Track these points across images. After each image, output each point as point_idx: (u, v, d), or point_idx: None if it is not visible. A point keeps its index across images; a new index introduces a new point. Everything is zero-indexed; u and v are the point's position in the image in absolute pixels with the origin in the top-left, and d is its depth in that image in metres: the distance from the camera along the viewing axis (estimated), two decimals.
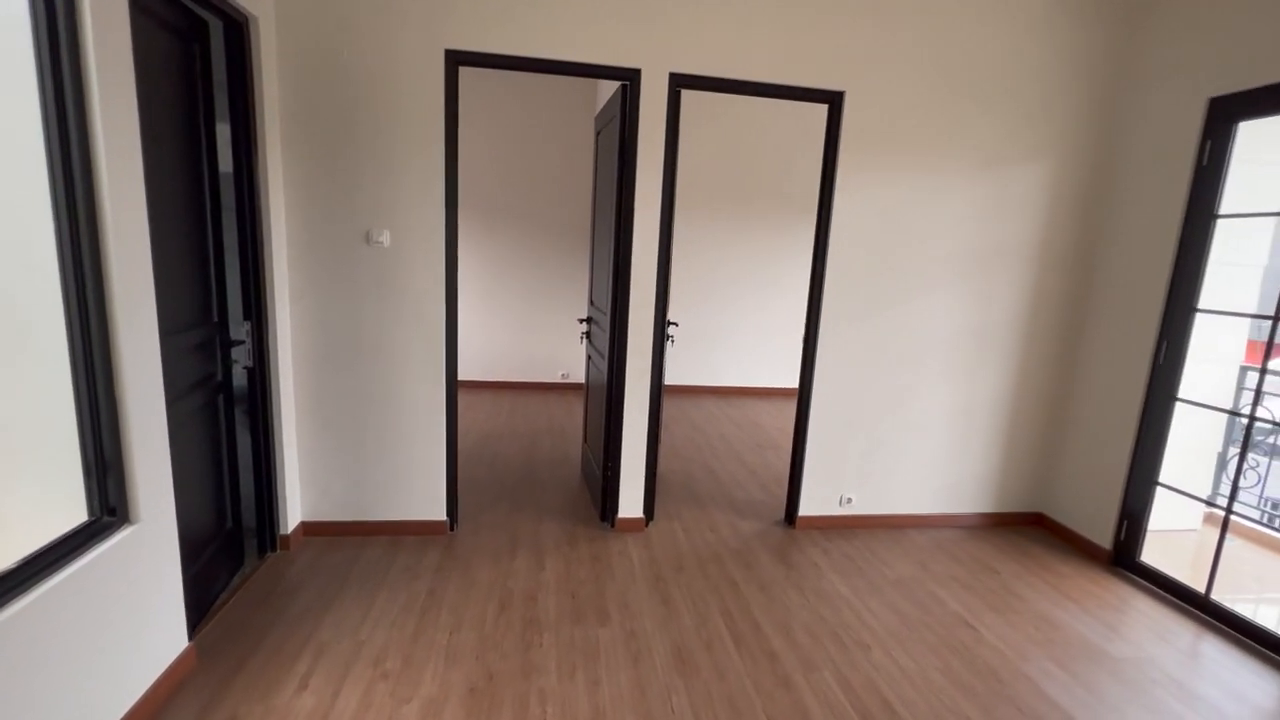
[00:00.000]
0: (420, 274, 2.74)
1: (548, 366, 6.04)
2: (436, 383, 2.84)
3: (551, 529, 3.09)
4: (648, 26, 2.68)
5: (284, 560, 2.66)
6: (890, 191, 2.99)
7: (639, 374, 3.00)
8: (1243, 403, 3.66)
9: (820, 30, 2.80)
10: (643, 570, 2.75)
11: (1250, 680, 2.25)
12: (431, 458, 2.90)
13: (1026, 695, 2.09)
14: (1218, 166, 2.61)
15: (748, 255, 6.11)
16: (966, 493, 3.38)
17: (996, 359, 3.24)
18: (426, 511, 2.95)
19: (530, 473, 3.83)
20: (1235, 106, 2.54)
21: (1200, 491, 3.34)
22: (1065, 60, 2.97)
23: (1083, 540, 3.16)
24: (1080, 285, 3.21)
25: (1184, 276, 2.73)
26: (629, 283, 2.91)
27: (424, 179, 2.67)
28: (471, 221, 5.65)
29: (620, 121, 2.84)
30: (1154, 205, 2.85)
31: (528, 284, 5.88)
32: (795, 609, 2.52)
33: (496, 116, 5.53)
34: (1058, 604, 2.67)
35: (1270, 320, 2.48)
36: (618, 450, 3.06)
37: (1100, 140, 3.07)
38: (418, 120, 2.62)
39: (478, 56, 2.63)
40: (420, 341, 2.79)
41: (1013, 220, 3.10)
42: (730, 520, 3.31)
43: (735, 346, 6.27)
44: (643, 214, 2.85)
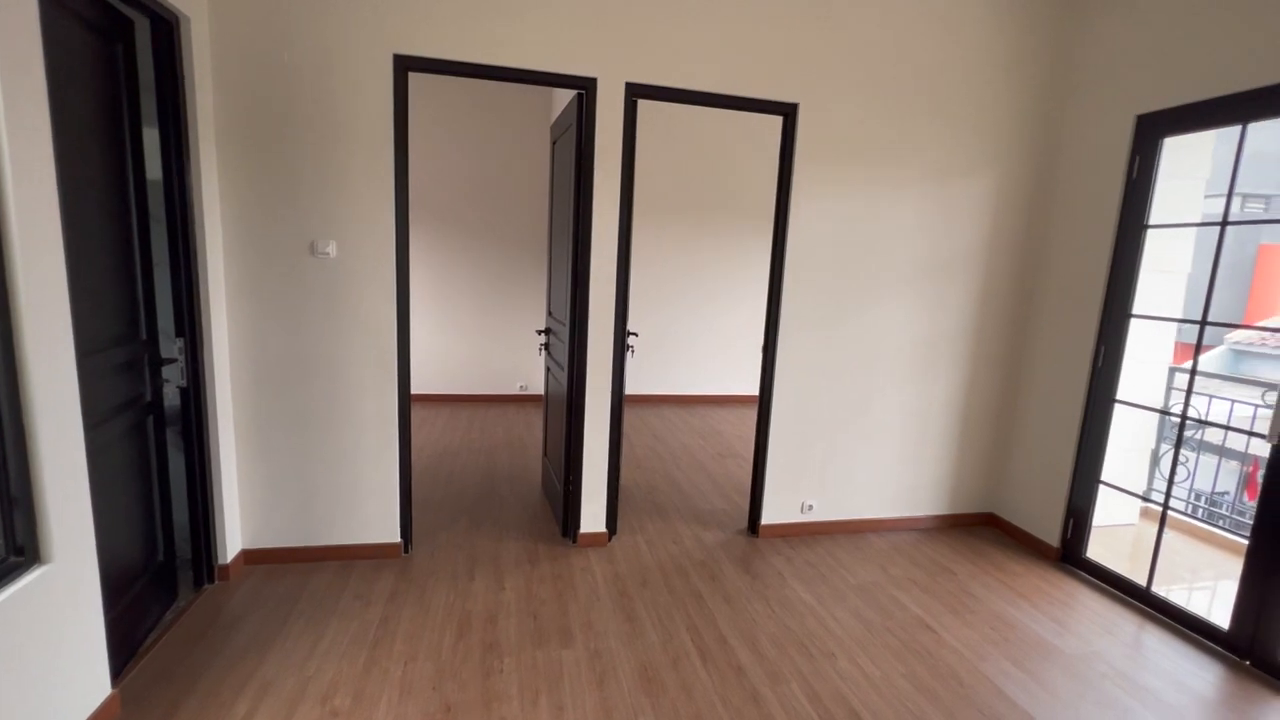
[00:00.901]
0: (370, 286, 2.63)
1: (506, 378, 5.92)
2: (388, 398, 2.72)
3: (512, 547, 3.00)
4: (603, 35, 2.66)
5: (223, 592, 2.49)
6: (845, 202, 3.04)
7: (599, 385, 2.95)
8: (1172, 402, 3.88)
9: (774, 44, 2.83)
10: (606, 586, 2.69)
11: (1190, 669, 2.35)
12: (384, 477, 2.78)
13: (987, 696, 2.13)
14: (1146, 180, 2.75)
15: (705, 264, 6.15)
16: (922, 496, 3.45)
17: (948, 366, 3.33)
18: (379, 534, 2.82)
19: (489, 489, 3.73)
20: (1160, 123, 2.69)
21: (1136, 487, 3.51)
22: (1006, 77, 3.09)
23: (1032, 539, 3.27)
24: (1024, 293, 3.34)
25: (1119, 284, 2.86)
26: (588, 293, 2.86)
27: (373, 188, 2.57)
28: (425, 231, 5.51)
29: (576, 130, 2.81)
30: (1090, 216, 2.99)
31: (485, 295, 5.76)
32: (761, 620, 2.51)
33: (450, 124, 5.42)
34: (1011, 603, 2.74)
35: (1198, 324, 2.63)
36: (579, 463, 3.00)
37: (1040, 154, 3.21)
38: (366, 127, 2.52)
39: (428, 62, 2.55)
40: (370, 356, 2.68)
41: (961, 231, 3.21)
42: (694, 531, 3.29)
43: (695, 355, 6.29)
44: (601, 224, 2.82)
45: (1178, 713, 2.11)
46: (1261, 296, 11.07)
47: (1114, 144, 2.86)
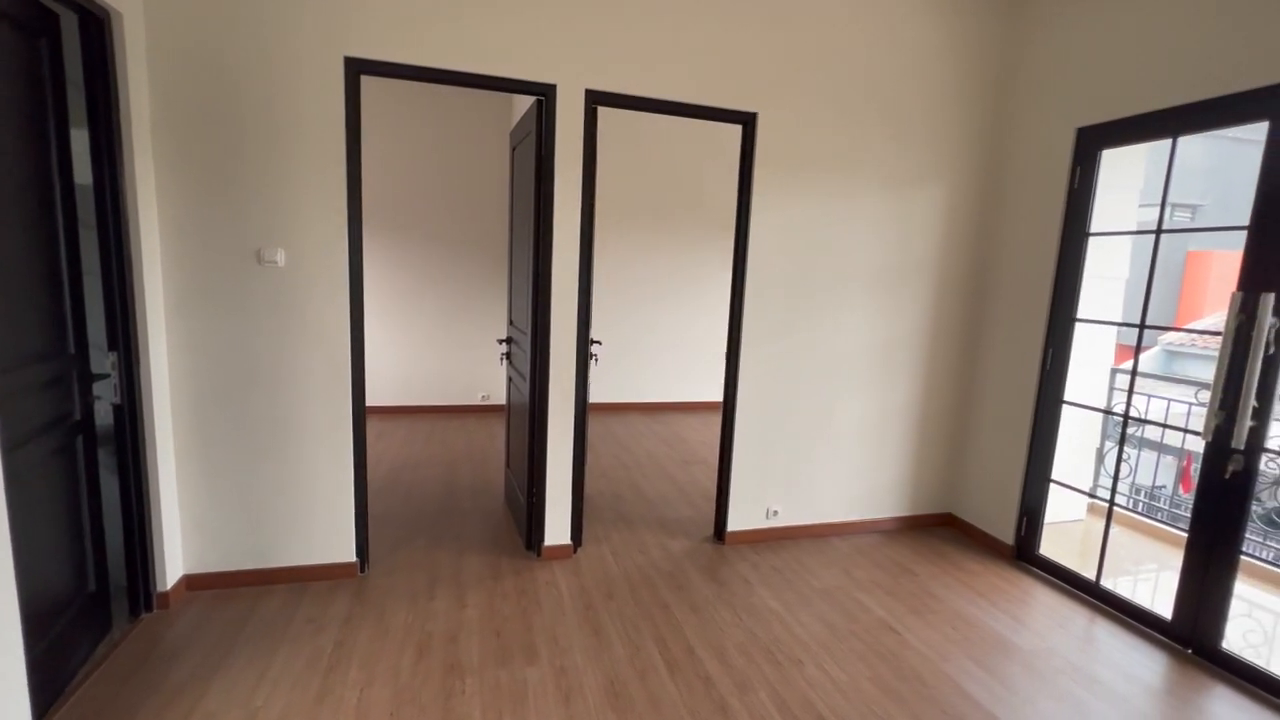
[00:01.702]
0: (321, 295, 2.53)
1: (467, 388, 5.80)
2: (341, 411, 2.62)
3: (474, 562, 2.92)
4: (563, 42, 2.64)
5: (162, 621, 2.34)
6: (804, 210, 3.09)
7: (563, 395, 2.90)
8: (1115, 401, 4.05)
9: (734, 54, 2.86)
10: (572, 600, 2.64)
11: (1137, 659, 2.44)
12: (338, 493, 2.67)
13: (950, 696, 2.16)
14: (1087, 190, 2.88)
15: (668, 271, 6.17)
16: (883, 498, 3.51)
17: (906, 370, 3.41)
18: (333, 553, 2.70)
19: (450, 502, 3.62)
20: (1099, 136, 2.81)
21: (1083, 485, 3.65)
22: (954, 90, 3.20)
23: (988, 537, 3.36)
24: (976, 299, 3.44)
25: (1064, 290, 2.98)
26: (550, 301, 2.82)
27: (324, 194, 2.48)
28: (381, 239, 5.37)
29: (536, 137, 2.77)
30: (1035, 225, 3.10)
31: (444, 303, 5.64)
32: (728, 628, 2.50)
33: (407, 128, 5.31)
34: (971, 601, 2.80)
35: (1137, 327, 2.75)
36: (542, 474, 2.94)
37: (988, 165, 3.32)
38: (315, 130, 2.43)
39: (381, 66, 2.48)
40: (322, 368, 2.57)
41: (915, 239, 3.29)
42: (660, 540, 3.26)
43: (660, 362, 6.29)
44: (562, 232, 2.78)
45: (1127, 703, 2.18)
46: (1190, 300, 11.74)
47: (1056, 155, 2.98)
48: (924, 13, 3.08)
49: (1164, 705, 2.19)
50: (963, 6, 3.13)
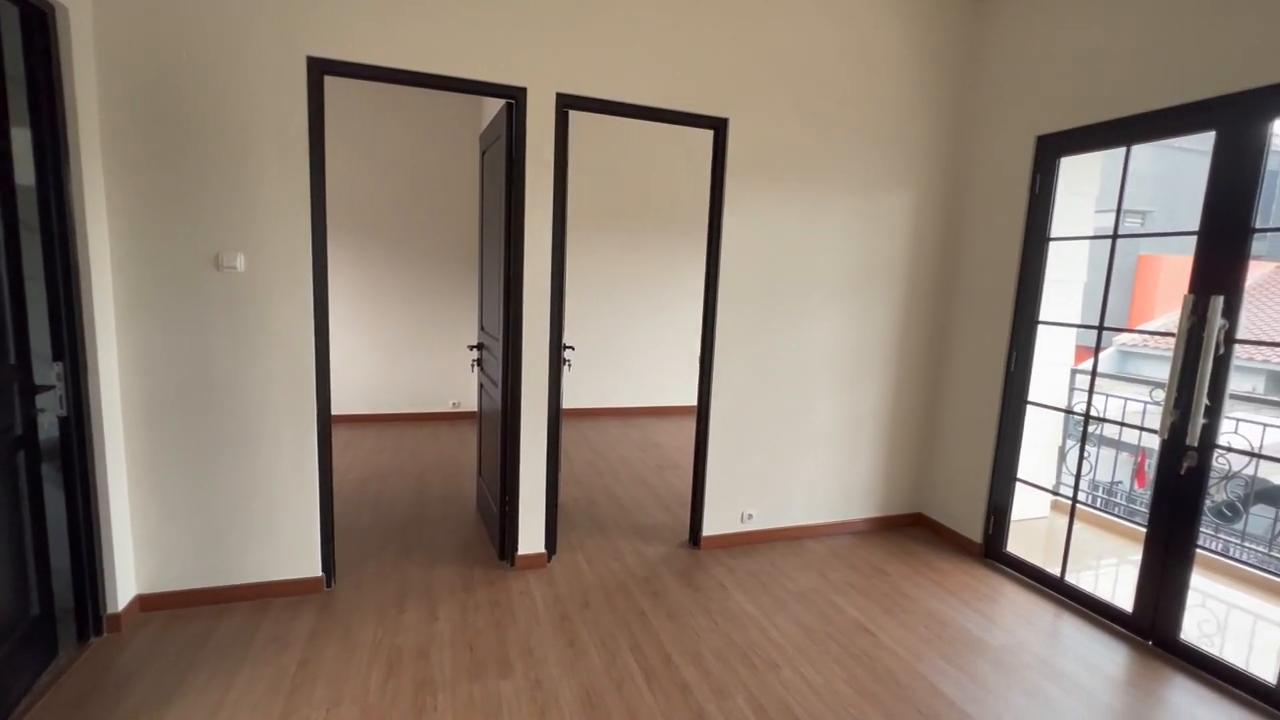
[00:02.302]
0: (283, 302, 2.45)
1: (437, 395, 5.70)
2: (305, 421, 2.54)
3: (445, 574, 2.85)
4: (534, 44, 2.61)
5: (113, 645, 2.23)
6: (776, 215, 3.11)
7: (535, 401, 2.86)
8: (1074, 401, 4.18)
9: (705, 59, 2.87)
10: (546, 610, 2.60)
11: (1101, 651, 2.50)
12: (302, 506, 2.58)
13: (924, 695, 2.18)
14: (1047, 196, 2.96)
15: (642, 275, 6.16)
16: (856, 500, 3.55)
17: (876, 373, 3.45)
18: (298, 568, 2.61)
19: (420, 512, 3.54)
20: (1058, 144, 2.90)
21: (1046, 483, 3.75)
22: (920, 97, 3.26)
23: (958, 536, 3.42)
24: (943, 302, 3.51)
25: (1027, 293, 3.06)
26: (521, 307, 2.78)
27: (286, 197, 2.40)
28: (348, 244, 5.24)
29: (507, 141, 2.74)
30: (999, 229, 3.18)
31: (413, 309, 5.53)
32: (705, 634, 2.48)
33: (374, 131, 5.20)
34: (942, 600, 2.84)
35: (1096, 329, 2.83)
36: (515, 482, 2.89)
37: (953, 171, 3.40)
38: (277, 132, 2.35)
39: (345, 66, 2.42)
40: (285, 377, 2.49)
41: (885, 243, 3.34)
42: (635, 546, 3.24)
43: (633, 367, 6.28)
44: (533, 236, 2.75)
45: (1092, 696, 2.23)
46: (1142, 302, 12.23)
47: (1018, 162, 3.07)
48: (891, 22, 3.14)
49: (1127, 697, 2.25)
50: (928, 16, 3.20)
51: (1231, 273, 2.26)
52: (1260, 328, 9.29)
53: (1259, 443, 3.59)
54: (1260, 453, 3.16)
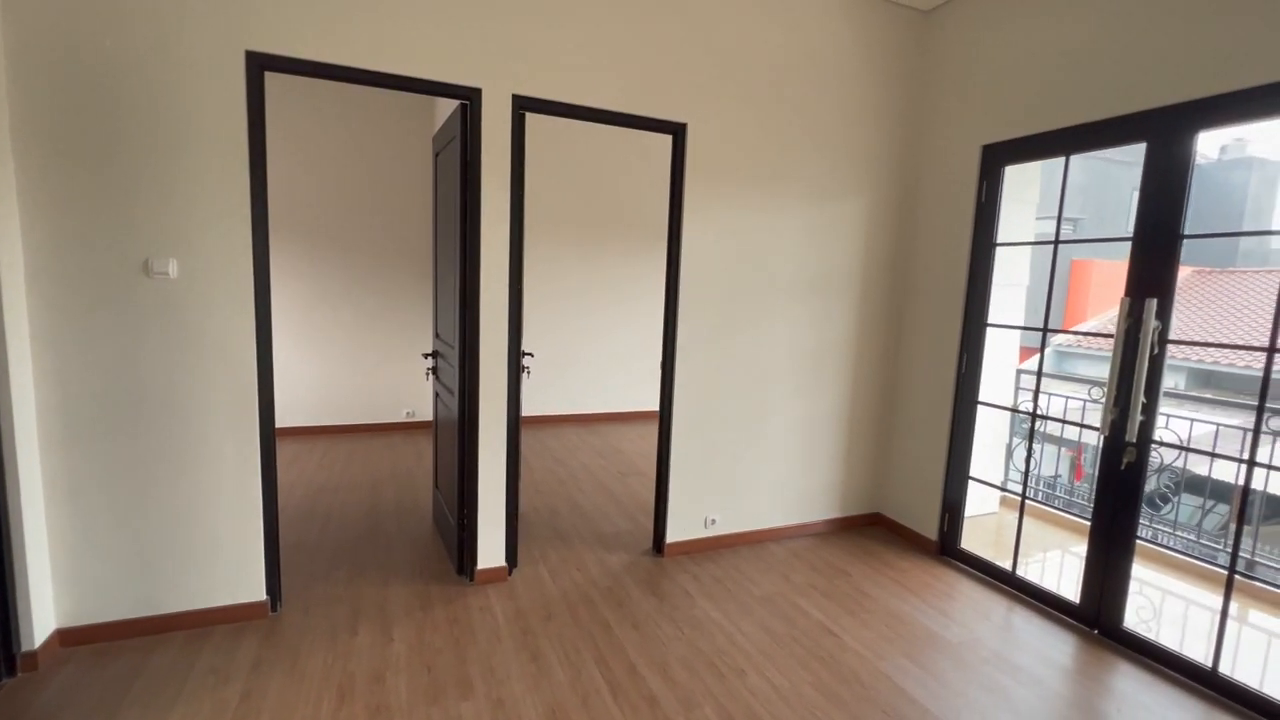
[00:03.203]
0: (222, 309, 2.31)
1: (390, 405, 5.51)
2: (247, 436, 2.39)
3: (400, 592, 2.73)
4: (489, 45, 2.55)
5: (29, 686, 2.04)
6: (735, 220, 3.12)
7: (493, 410, 2.79)
8: (1019, 400, 4.35)
9: (664, 63, 2.86)
10: (508, 626, 2.52)
11: (1051, 642, 2.59)
12: (244, 526, 2.43)
13: (888, 695, 2.21)
14: (993, 203, 3.07)
15: (598, 280, 6.12)
16: (817, 501, 3.59)
17: (834, 375, 3.51)
18: (240, 593, 2.46)
19: (374, 528, 3.40)
20: (1002, 153, 3.01)
21: (995, 479, 3.88)
22: (870, 106, 3.34)
23: (914, 534, 3.49)
24: (897, 306, 3.60)
25: (975, 296, 3.16)
26: (478, 314, 2.70)
27: (224, 199, 2.26)
28: (294, 248, 5.02)
29: (461, 143, 2.66)
30: (948, 235, 3.28)
31: (364, 316, 5.33)
32: (671, 643, 2.45)
33: (321, 130, 5.00)
34: (902, 598, 2.89)
35: (1041, 331, 2.95)
36: (474, 494, 2.80)
37: (904, 178, 3.49)
38: (213, 130, 2.22)
39: (288, 62, 2.30)
40: (224, 389, 2.34)
41: (840, 249, 3.40)
42: (598, 556, 3.19)
43: (593, 372, 6.22)
44: (490, 241, 2.68)
45: (1045, 686, 2.31)
46: (1075, 305, 12.91)
47: (965, 170, 3.17)
48: (842, 30, 3.20)
49: (1078, 687, 2.33)
50: (877, 26, 3.28)
51: (1164, 276, 2.38)
52: (1181, 328, 9.93)
53: (1186, 436, 3.81)
54: (1189, 446, 3.34)
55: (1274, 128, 16.67)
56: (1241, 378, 9.60)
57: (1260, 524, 6.47)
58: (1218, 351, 9.56)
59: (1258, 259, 14.05)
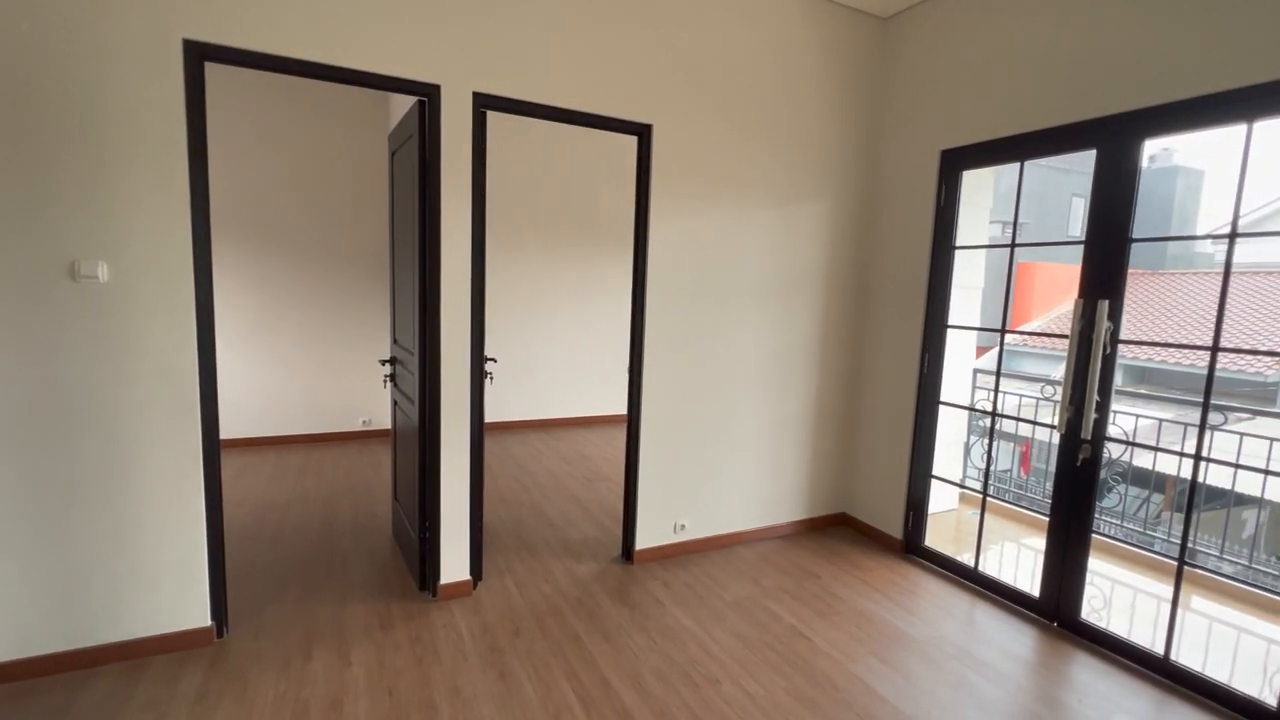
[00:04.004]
0: (159, 316, 2.15)
1: (345, 414, 5.29)
2: (188, 448, 2.24)
3: (359, 612, 2.60)
4: (448, 39, 2.46)
5: None
6: (701, 222, 3.10)
7: (456, 418, 2.69)
8: (975, 398, 4.47)
9: (629, 63, 2.82)
10: (474, 643, 2.42)
11: (1013, 636, 2.65)
12: (185, 546, 2.27)
13: (860, 696, 2.21)
14: (952, 207, 3.14)
15: (561, 283, 6.04)
16: (784, 503, 3.60)
17: (800, 377, 3.53)
18: (181, 619, 2.29)
19: (328, 544, 3.24)
20: (959, 158, 3.08)
21: (954, 476, 3.97)
22: (834, 110, 3.37)
23: (879, 533, 3.54)
24: (861, 308, 3.65)
25: (936, 298, 3.22)
26: (439, 319, 2.60)
27: (161, 197, 2.11)
28: (241, 250, 4.77)
29: (420, 142, 2.56)
30: (909, 238, 3.34)
31: (316, 321, 5.10)
32: (643, 654, 2.40)
33: (270, 126, 4.76)
34: (870, 598, 2.91)
35: (999, 331, 3.02)
36: (436, 505, 2.70)
37: (866, 182, 3.54)
38: (148, 123, 2.07)
39: (229, 53, 2.16)
40: (162, 400, 2.18)
41: (803, 251, 3.42)
42: (567, 565, 3.11)
43: (558, 377, 6.13)
44: (451, 244, 2.58)
45: (1010, 680, 2.35)
46: (1021, 305, 13.47)
47: (924, 175, 3.23)
48: (805, 34, 3.23)
49: (1040, 679, 2.38)
50: (840, 31, 3.32)
51: (1114, 279, 2.46)
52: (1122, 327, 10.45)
53: (1131, 430, 3.98)
54: (1134, 440, 3.49)
55: (1203, 138, 17.81)
56: (1172, 373, 10.17)
57: (1197, 511, 6.84)
58: (1151, 349, 10.10)
59: (1184, 262, 14.95)
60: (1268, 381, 8.94)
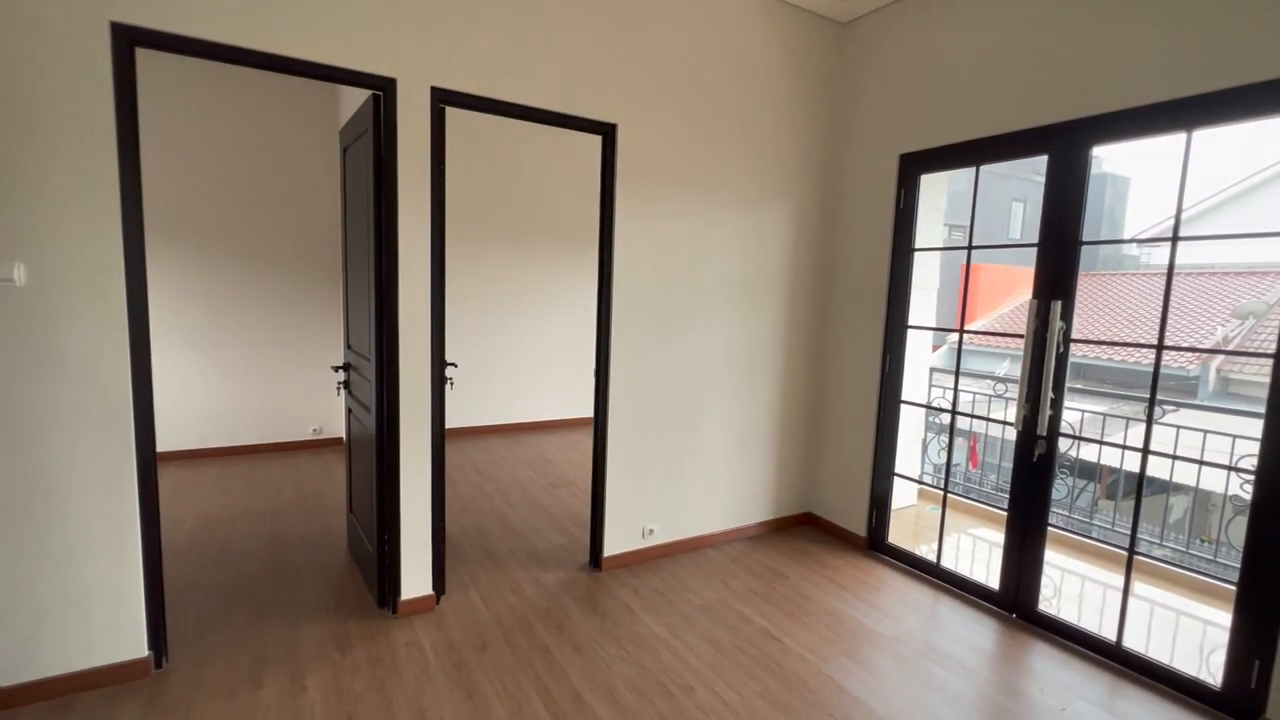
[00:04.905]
0: (86, 320, 1.98)
1: (295, 422, 5.05)
2: (121, 465, 2.06)
3: (313, 633, 2.46)
4: (406, 31, 2.35)
5: None
6: (666, 224, 3.07)
7: (416, 425, 2.58)
8: (932, 396, 4.59)
9: (593, 61, 2.77)
10: (438, 661, 2.32)
11: (976, 629, 2.72)
12: (118, 570, 2.09)
13: (833, 697, 2.21)
14: (911, 210, 3.20)
15: (521, 285, 5.92)
16: (751, 504, 3.61)
17: (765, 378, 3.54)
18: (115, 650, 2.11)
19: (278, 561, 3.06)
20: (918, 162, 3.15)
21: (912, 473, 4.06)
22: (796, 112, 3.40)
23: (844, 531, 3.59)
24: (824, 309, 3.69)
25: (897, 299, 3.28)
26: (397, 323, 2.49)
27: (86, 193, 1.94)
28: (180, 251, 4.49)
29: (375, 138, 2.44)
30: (870, 240, 3.40)
31: (262, 326, 4.85)
32: (615, 664, 2.35)
33: (211, 118, 4.49)
34: (838, 597, 2.94)
35: (958, 332, 3.10)
36: (395, 517, 2.58)
37: (828, 184, 3.58)
38: (72, 113, 1.90)
39: (163, 38, 2.01)
40: (90, 412, 2.01)
41: (769, 253, 3.44)
42: (533, 575, 3.03)
43: (519, 381, 6.01)
44: (409, 245, 2.47)
45: (975, 673, 2.40)
46: (968, 305, 14.06)
47: (885, 178, 3.29)
48: (768, 36, 3.24)
49: (1002, 670, 2.44)
50: (801, 34, 3.35)
51: (1066, 280, 2.55)
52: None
53: (1075, 425, 4.16)
54: (1080, 435, 3.65)
55: (1128, 148, 18.96)
56: (1105, 369, 10.75)
57: (1133, 500, 7.21)
58: (1085, 345, 10.65)
59: (1113, 264, 15.86)
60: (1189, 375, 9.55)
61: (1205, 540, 5.67)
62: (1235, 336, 9.16)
